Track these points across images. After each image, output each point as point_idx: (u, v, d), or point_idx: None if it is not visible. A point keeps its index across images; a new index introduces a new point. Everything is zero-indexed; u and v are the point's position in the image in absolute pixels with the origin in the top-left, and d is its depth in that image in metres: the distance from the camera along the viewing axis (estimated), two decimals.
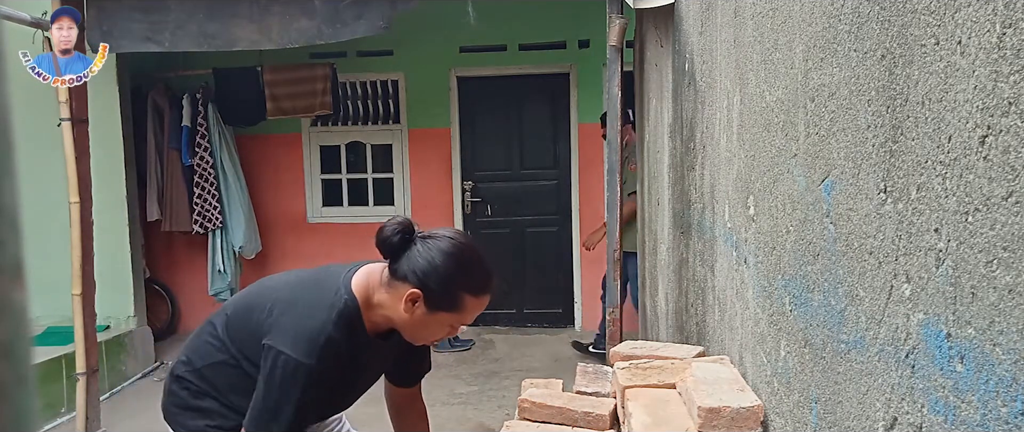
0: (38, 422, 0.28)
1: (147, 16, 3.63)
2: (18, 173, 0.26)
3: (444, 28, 5.55)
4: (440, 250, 1.52)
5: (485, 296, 1.58)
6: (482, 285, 1.57)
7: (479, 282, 1.57)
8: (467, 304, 1.55)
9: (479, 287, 1.56)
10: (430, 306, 1.53)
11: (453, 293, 1.53)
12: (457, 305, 1.55)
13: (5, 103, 0.26)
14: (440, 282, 1.52)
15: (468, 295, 1.55)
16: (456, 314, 1.56)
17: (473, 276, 1.56)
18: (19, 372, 0.26)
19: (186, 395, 1.73)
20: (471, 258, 1.57)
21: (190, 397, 1.73)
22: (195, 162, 5.60)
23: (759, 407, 1.30)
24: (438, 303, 1.53)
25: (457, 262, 1.53)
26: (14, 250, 0.26)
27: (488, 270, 1.59)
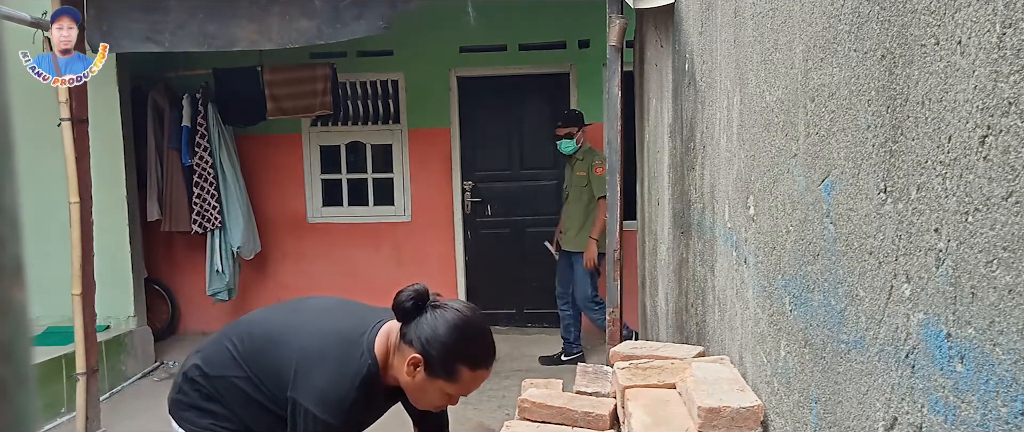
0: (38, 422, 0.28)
1: (147, 16, 3.63)
2: (18, 173, 0.26)
3: (444, 28, 5.55)
4: (445, 321, 1.59)
5: (483, 371, 1.63)
6: (480, 360, 1.62)
7: (478, 356, 1.62)
8: (464, 376, 1.60)
9: (477, 361, 1.61)
10: (429, 373, 1.60)
11: (451, 364, 1.59)
12: (454, 375, 1.60)
13: (5, 103, 0.26)
14: (440, 351, 1.58)
15: (465, 368, 1.59)
16: (453, 384, 1.61)
17: (472, 350, 1.61)
18: (19, 372, 0.26)
19: (197, 397, 1.79)
20: (474, 333, 1.62)
21: (200, 399, 1.79)
22: (195, 162, 5.59)
23: (759, 407, 1.30)
24: (436, 371, 1.59)
25: (459, 334, 1.59)
26: (14, 250, 0.26)
27: (489, 347, 1.65)
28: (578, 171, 5.11)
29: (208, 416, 1.78)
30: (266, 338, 1.73)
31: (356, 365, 1.64)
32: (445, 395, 1.65)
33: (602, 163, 4.83)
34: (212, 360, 1.79)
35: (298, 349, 1.67)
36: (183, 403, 1.81)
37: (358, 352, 1.66)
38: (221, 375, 1.75)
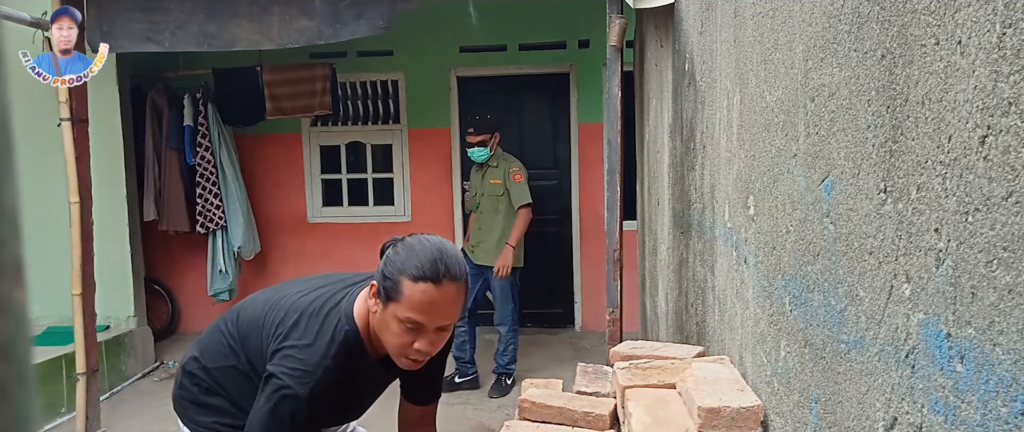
0: (38, 422, 0.28)
1: (147, 16, 3.63)
2: (18, 173, 0.26)
3: (444, 28, 5.55)
4: (400, 244, 1.52)
5: (425, 284, 1.44)
6: (420, 268, 1.44)
7: (417, 264, 1.45)
8: (406, 290, 1.44)
9: (417, 270, 1.44)
10: (382, 298, 1.49)
11: (394, 278, 1.46)
12: (397, 292, 1.45)
13: (5, 103, 0.26)
14: (387, 269, 1.48)
15: (406, 279, 1.45)
16: (398, 304, 1.45)
17: (412, 259, 1.46)
18: (19, 372, 0.26)
19: (197, 391, 1.76)
20: (420, 245, 1.49)
21: (200, 393, 1.75)
22: (197, 162, 5.60)
23: (759, 407, 1.30)
24: (385, 293, 1.48)
25: (405, 249, 1.49)
26: (14, 250, 0.26)
27: (433, 259, 1.46)
28: (492, 179, 4.73)
29: (211, 413, 1.74)
30: (251, 320, 1.68)
31: (332, 332, 1.55)
32: (401, 324, 1.47)
33: (520, 169, 4.70)
34: (209, 351, 1.75)
35: (280, 320, 1.60)
36: (185, 400, 1.78)
37: (334, 318, 1.57)
38: (219, 366, 1.72)
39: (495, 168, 4.76)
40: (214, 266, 5.70)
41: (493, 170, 4.75)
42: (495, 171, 4.76)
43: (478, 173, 4.84)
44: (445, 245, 1.51)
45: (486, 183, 4.76)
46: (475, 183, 4.87)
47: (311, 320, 1.59)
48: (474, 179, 4.89)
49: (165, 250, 6.13)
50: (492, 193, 4.72)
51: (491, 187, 4.73)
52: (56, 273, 4.02)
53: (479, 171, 4.84)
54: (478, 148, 4.69)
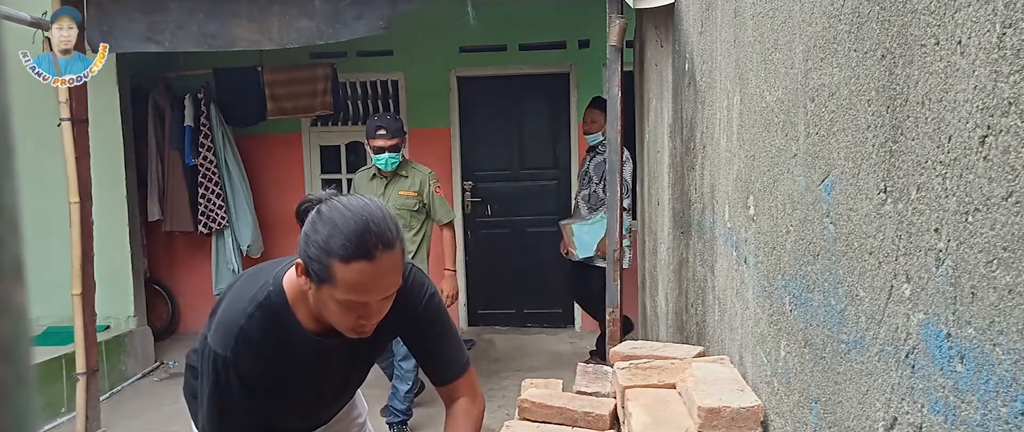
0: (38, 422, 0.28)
1: (147, 16, 3.63)
2: (18, 173, 0.26)
3: (444, 28, 5.55)
4: (320, 214, 1.35)
5: (359, 262, 1.30)
6: (348, 246, 1.30)
7: (343, 242, 1.30)
8: (338, 273, 1.31)
9: (345, 250, 1.30)
10: (313, 279, 1.36)
11: (322, 261, 1.32)
12: (329, 275, 1.32)
13: (5, 103, 0.26)
14: (308, 248, 1.34)
15: (336, 261, 1.30)
16: (333, 287, 1.33)
17: (336, 236, 1.31)
18: (19, 372, 0.26)
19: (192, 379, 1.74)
20: (339, 215, 1.33)
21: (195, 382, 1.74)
22: (198, 162, 5.60)
23: (759, 407, 1.30)
24: (316, 274, 1.34)
25: (327, 224, 1.32)
26: (14, 250, 0.26)
27: (357, 228, 1.31)
28: (401, 191, 3.92)
29: None
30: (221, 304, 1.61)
31: (253, 294, 1.48)
32: (341, 305, 1.36)
33: (437, 180, 4.02)
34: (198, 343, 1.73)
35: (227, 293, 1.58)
36: (186, 392, 1.79)
37: (260, 285, 1.50)
38: None
39: (405, 178, 3.95)
40: (224, 264, 5.71)
41: (402, 181, 3.95)
42: (405, 182, 3.95)
43: (374, 183, 3.96)
44: (369, 208, 1.35)
45: (392, 196, 3.90)
46: (370, 193, 3.82)
47: (239, 289, 1.55)
48: (367, 188, 3.95)
49: (166, 250, 6.13)
50: (403, 207, 3.87)
51: (401, 201, 3.90)
52: (56, 273, 4.01)
53: (376, 181, 3.96)
54: (389, 153, 3.85)
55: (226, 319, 1.48)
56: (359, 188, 4.06)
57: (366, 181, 4.04)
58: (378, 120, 3.96)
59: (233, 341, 1.45)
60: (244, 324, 1.45)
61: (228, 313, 1.49)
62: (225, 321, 1.48)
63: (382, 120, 3.94)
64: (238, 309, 1.48)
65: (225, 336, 1.46)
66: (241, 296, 1.51)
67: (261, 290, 1.49)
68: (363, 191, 3.89)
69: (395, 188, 3.95)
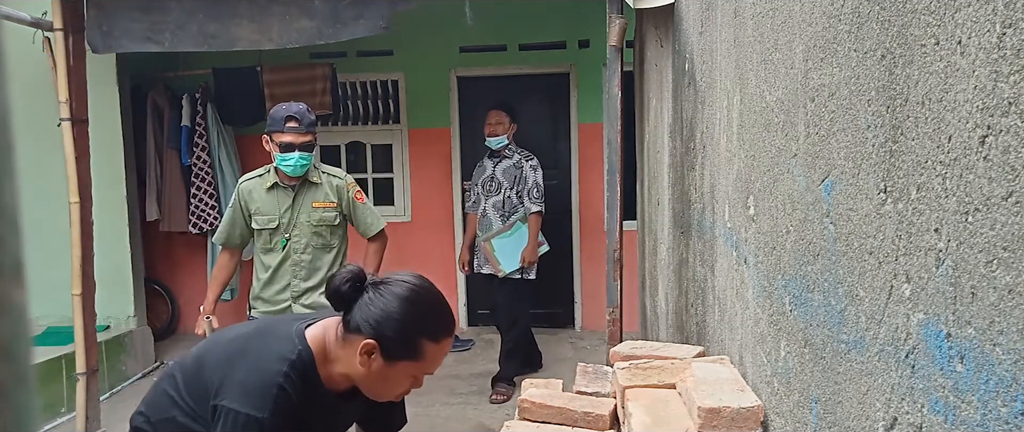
0: (38, 422, 0.28)
1: (147, 16, 3.63)
2: (18, 173, 0.26)
3: (444, 28, 5.55)
4: (395, 295, 1.45)
5: (446, 340, 1.49)
6: (442, 329, 1.48)
7: (439, 326, 1.48)
8: (428, 351, 1.45)
9: (439, 331, 1.47)
10: (388, 357, 1.44)
11: (412, 340, 1.44)
12: (418, 353, 1.45)
13: (5, 103, 0.26)
14: (397, 329, 1.43)
15: (428, 341, 1.45)
16: (418, 363, 1.46)
17: (432, 320, 1.47)
18: (19, 372, 0.26)
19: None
20: (428, 300, 1.48)
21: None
22: (193, 162, 5.60)
23: (759, 407, 1.30)
24: (396, 353, 1.44)
25: (413, 306, 1.45)
26: (14, 250, 0.26)
27: (447, 314, 1.51)
28: (316, 202, 3.12)
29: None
30: (196, 362, 1.57)
31: (282, 350, 1.48)
32: (410, 378, 1.49)
33: (357, 185, 3.28)
34: (155, 405, 1.62)
35: (223, 357, 1.51)
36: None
37: (284, 341, 1.50)
38: (164, 418, 1.57)
39: (317, 186, 3.14)
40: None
41: (313, 190, 3.13)
42: (318, 191, 3.14)
43: (275, 194, 3.11)
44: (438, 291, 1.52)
45: (304, 208, 3.12)
46: (271, 206, 3.10)
47: (259, 343, 1.52)
48: (266, 201, 3.11)
49: (165, 250, 6.13)
50: (321, 224, 3.13)
51: (318, 215, 3.13)
52: (56, 273, 4.02)
53: (278, 191, 3.11)
54: (301, 152, 3.02)
55: (258, 382, 1.43)
56: (254, 203, 3.10)
57: (262, 193, 3.10)
58: (286, 108, 3.04)
59: (272, 403, 1.41)
60: (283, 384, 1.43)
61: (257, 376, 1.44)
62: (257, 384, 1.43)
63: (291, 108, 3.04)
64: (271, 369, 1.44)
65: (262, 398, 1.41)
66: (266, 357, 1.47)
67: (289, 349, 1.48)
68: (260, 206, 3.09)
69: (306, 199, 3.11)
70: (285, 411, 1.43)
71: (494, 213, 4.69)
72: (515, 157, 4.72)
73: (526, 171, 4.67)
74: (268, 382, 1.43)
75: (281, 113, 3.03)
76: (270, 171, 3.13)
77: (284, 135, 2.99)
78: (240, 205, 3.13)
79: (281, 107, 3.08)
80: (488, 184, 4.73)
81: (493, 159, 4.75)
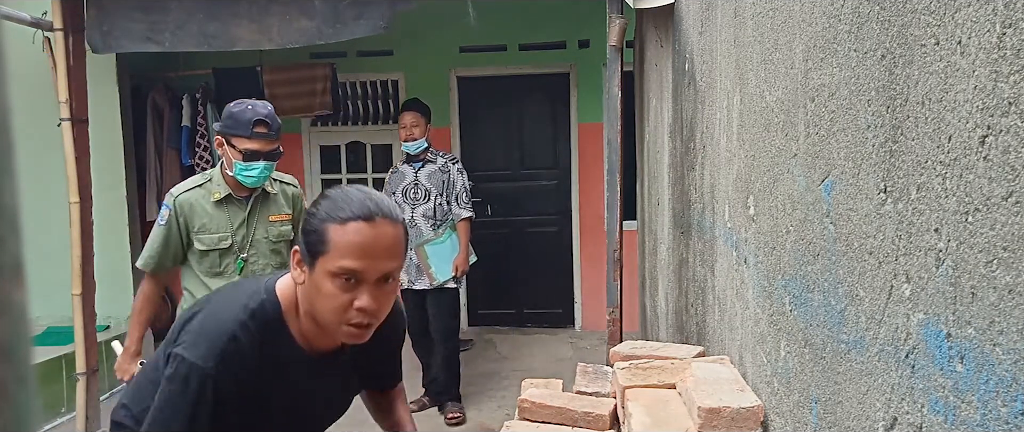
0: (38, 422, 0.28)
1: (147, 16, 3.63)
2: (18, 173, 0.26)
3: (444, 28, 5.55)
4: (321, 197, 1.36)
5: (357, 223, 1.27)
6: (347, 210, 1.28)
7: (342, 207, 1.29)
8: (334, 237, 1.27)
9: (344, 213, 1.28)
10: (307, 259, 1.31)
11: (319, 230, 1.29)
12: (325, 243, 1.28)
13: (5, 103, 0.26)
14: (309, 224, 1.31)
15: (333, 225, 1.28)
16: (327, 257, 1.28)
17: (335, 203, 1.30)
18: (19, 372, 0.26)
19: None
20: (341, 193, 1.33)
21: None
22: (194, 162, 5.60)
23: (759, 407, 1.30)
24: (311, 249, 1.30)
25: (325, 199, 1.33)
26: (14, 250, 0.26)
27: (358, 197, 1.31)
28: (273, 215, 2.77)
29: None
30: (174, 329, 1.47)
31: (243, 300, 1.37)
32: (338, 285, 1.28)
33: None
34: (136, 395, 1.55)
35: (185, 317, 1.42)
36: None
37: (251, 292, 1.40)
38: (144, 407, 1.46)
39: (272, 196, 2.77)
40: None
41: (269, 200, 2.76)
42: (273, 203, 2.77)
43: (224, 209, 2.69)
44: (372, 191, 1.36)
45: (261, 222, 2.74)
46: (220, 222, 2.68)
47: (222, 298, 1.43)
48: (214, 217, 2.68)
49: None
50: (280, 239, 2.77)
51: (277, 230, 2.77)
52: (56, 273, 4.02)
53: (229, 205, 2.69)
54: (267, 162, 2.64)
55: (210, 328, 1.34)
56: (197, 219, 2.64)
57: (207, 207, 2.66)
58: (253, 109, 2.65)
59: (219, 353, 1.31)
60: (237, 332, 1.33)
61: (212, 322, 1.35)
62: (209, 331, 1.34)
63: (259, 110, 2.67)
64: (227, 318, 1.35)
65: (210, 347, 1.31)
66: (227, 306, 1.38)
67: (252, 298, 1.38)
68: (207, 223, 2.65)
69: (263, 213, 2.73)
70: (236, 364, 1.32)
71: (424, 222, 4.35)
72: (438, 160, 4.37)
73: (453, 175, 4.36)
74: (221, 331, 1.33)
75: (248, 115, 2.62)
76: (213, 180, 2.68)
77: (250, 141, 2.58)
78: (177, 222, 2.62)
79: (246, 106, 2.66)
80: (413, 191, 4.35)
81: (413, 165, 4.35)
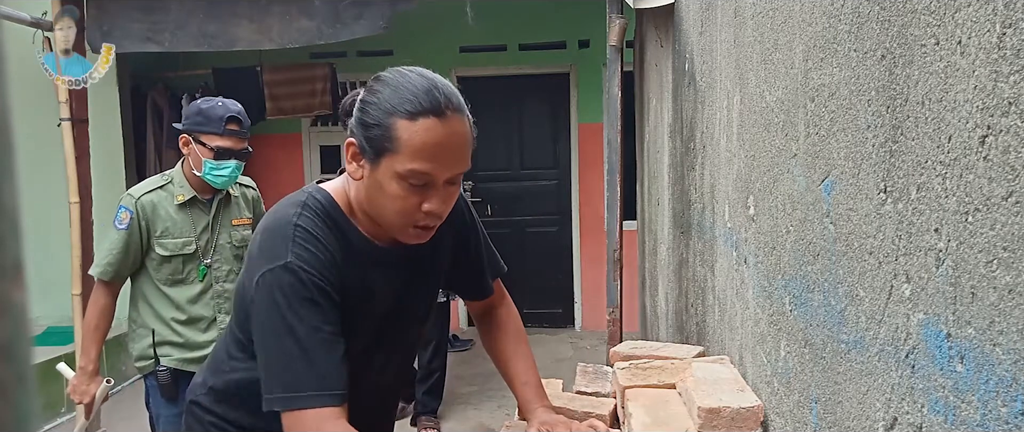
0: (38, 422, 0.28)
1: (147, 16, 3.63)
2: (18, 173, 0.26)
3: (444, 28, 5.55)
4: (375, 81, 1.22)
5: (428, 119, 1.15)
6: (416, 102, 1.15)
7: (410, 98, 1.15)
8: (403, 134, 1.14)
9: (413, 105, 1.15)
10: (369, 155, 1.18)
11: (384, 123, 1.15)
12: (392, 137, 1.15)
13: (5, 103, 0.26)
14: (369, 114, 1.17)
15: (400, 119, 1.15)
16: (396, 155, 1.15)
17: (400, 93, 1.16)
18: (19, 372, 0.26)
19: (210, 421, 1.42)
20: (401, 77, 1.20)
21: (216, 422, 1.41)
22: None
23: (759, 407, 1.30)
24: (374, 145, 1.17)
25: (385, 84, 1.19)
26: (14, 250, 0.26)
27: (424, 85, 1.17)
28: (236, 219, 2.66)
29: None
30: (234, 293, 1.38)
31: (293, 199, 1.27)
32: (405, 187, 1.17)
33: None
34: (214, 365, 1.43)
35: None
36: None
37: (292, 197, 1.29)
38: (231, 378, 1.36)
39: (234, 199, 2.67)
40: None
41: (231, 203, 2.65)
42: (236, 206, 2.66)
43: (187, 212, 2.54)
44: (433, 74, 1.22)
45: (225, 226, 2.62)
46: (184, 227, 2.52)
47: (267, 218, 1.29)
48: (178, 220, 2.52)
49: None
50: (242, 242, 2.63)
51: (237, 232, 2.63)
52: (56, 273, 4.02)
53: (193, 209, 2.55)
54: (238, 161, 2.55)
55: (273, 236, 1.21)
56: (160, 223, 2.48)
57: (170, 210, 2.50)
58: (224, 106, 2.55)
59: (291, 243, 1.18)
60: (297, 221, 1.21)
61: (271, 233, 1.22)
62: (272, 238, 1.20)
63: (231, 107, 2.58)
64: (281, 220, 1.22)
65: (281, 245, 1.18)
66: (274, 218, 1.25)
67: (297, 196, 1.27)
68: (170, 227, 2.49)
69: (226, 216, 2.62)
70: (313, 249, 1.19)
71: None
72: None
73: None
74: (283, 229, 1.21)
75: (219, 112, 2.51)
76: (174, 182, 2.53)
77: (223, 139, 2.47)
78: (139, 226, 2.46)
79: (216, 103, 2.55)
80: None
81: None
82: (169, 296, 2.53)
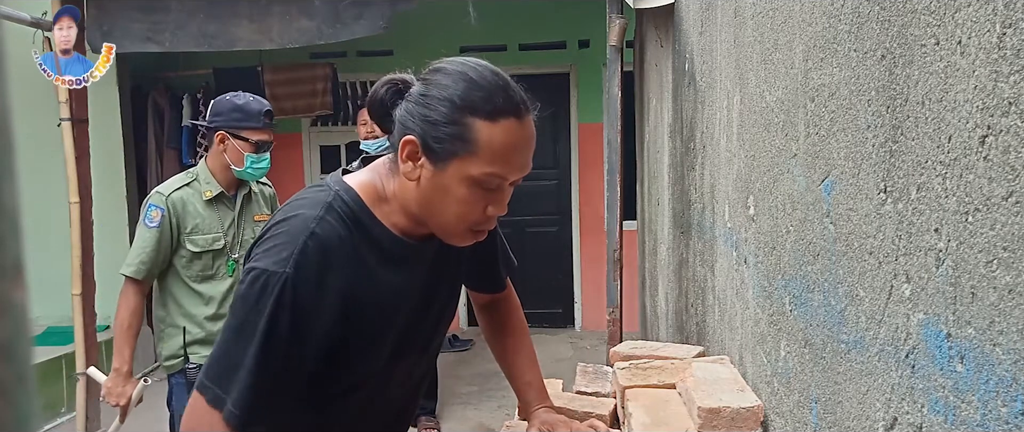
0: (38, 422, 0.28)
1: (147, 16, 3.63)
2: (18, 173, 0.26)
3: (444, 28, 5.55)
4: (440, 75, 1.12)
5: (508, 121, 1.08)
6: (502, 103, 1.08)
7: (496, 100, 1.08)
8: (482, 136, 1.07)
9: (486, 104, 1.07)
10: (435, 155, 1.09)
11: (459, 121, 1.07)
12: (468, 138, 1.06)
13: (5, 103, 0.26)
14: (439, 110, 1.08)
15: (481, 121, 1.07)
16: (473, 157, 1.07)
17: (472, 86, 1.08)
18: (19, 372, 0.26)
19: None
20: (478, 70, 1.11)
21: None
22: (194, 161, 5.61)
23: (759, 407, 1.30)
24: (444, 144, 1.08)
25: (457, 78, 1.10)
26: (14, 250, 0.26)
27: (498, 81, 1.11)
28: (258, 215, 2.69)
29: None
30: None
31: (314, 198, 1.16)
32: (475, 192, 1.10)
33: None
34: None
35: None
36: None
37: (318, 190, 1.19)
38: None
39: (255, 195, 2.73)
40: None
41: (254, 199, 2.71)
42: (257, 202, 2.72)
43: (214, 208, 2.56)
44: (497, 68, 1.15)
45: (248, 222, 2.65)
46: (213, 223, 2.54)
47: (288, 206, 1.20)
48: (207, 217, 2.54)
49: None
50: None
51: (258, 228, 2.49)
52: (56, 273, 4.02)
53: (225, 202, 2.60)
54: (262, 153, 2.61)
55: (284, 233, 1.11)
56: (190, 219, 2.49)
57: (199, 207, 2.52)
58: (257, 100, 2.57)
59: (298, 252, 1.08)
60: (315, 229, 1.11)
61: (284, 228, 1.12)
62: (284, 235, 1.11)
63: (262, 101, 2.60)
64: (299, 216, 1.13)
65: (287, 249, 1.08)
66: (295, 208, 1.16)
67: (322, 193, 1.16)
68: (200, 223, 2.50)
69: (249, 212, 2.65)
70: (318, 262, 1.10)
71: None
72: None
73: None
74: (297, 232, 1.11)
75: (256, 106, 2.53)
76: (199, 178, 2.54)
77: (263, 132, 2.54)
78: (170, 223, 2.46)
79: (249, 98, 2.55)
80: None
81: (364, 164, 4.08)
82: (200, 293, 2.54)
